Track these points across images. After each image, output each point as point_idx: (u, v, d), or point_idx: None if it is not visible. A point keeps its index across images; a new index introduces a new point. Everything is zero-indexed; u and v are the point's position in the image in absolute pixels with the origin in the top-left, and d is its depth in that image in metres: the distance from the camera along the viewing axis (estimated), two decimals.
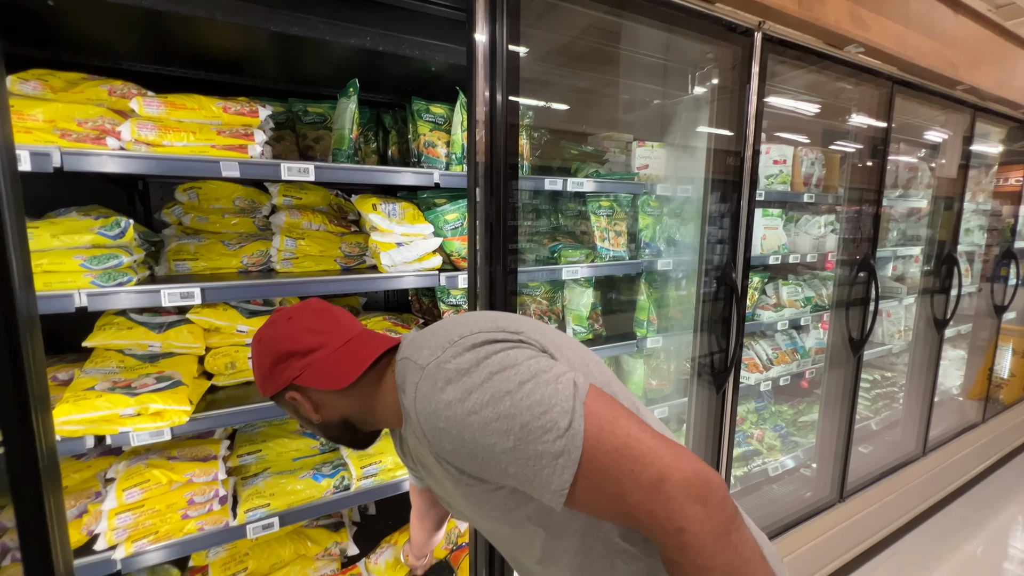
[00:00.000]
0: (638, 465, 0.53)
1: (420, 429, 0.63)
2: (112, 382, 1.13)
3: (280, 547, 1.47)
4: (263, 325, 0.78)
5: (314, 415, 0.75)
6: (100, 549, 1.13)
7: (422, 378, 0.62)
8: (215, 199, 1.47)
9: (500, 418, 0.56)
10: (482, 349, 0.61)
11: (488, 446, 0.57)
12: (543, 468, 0.55)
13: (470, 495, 0.67)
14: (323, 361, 0.73)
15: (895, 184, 2.88)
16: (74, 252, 1.05)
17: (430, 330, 0.71)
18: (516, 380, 0.58)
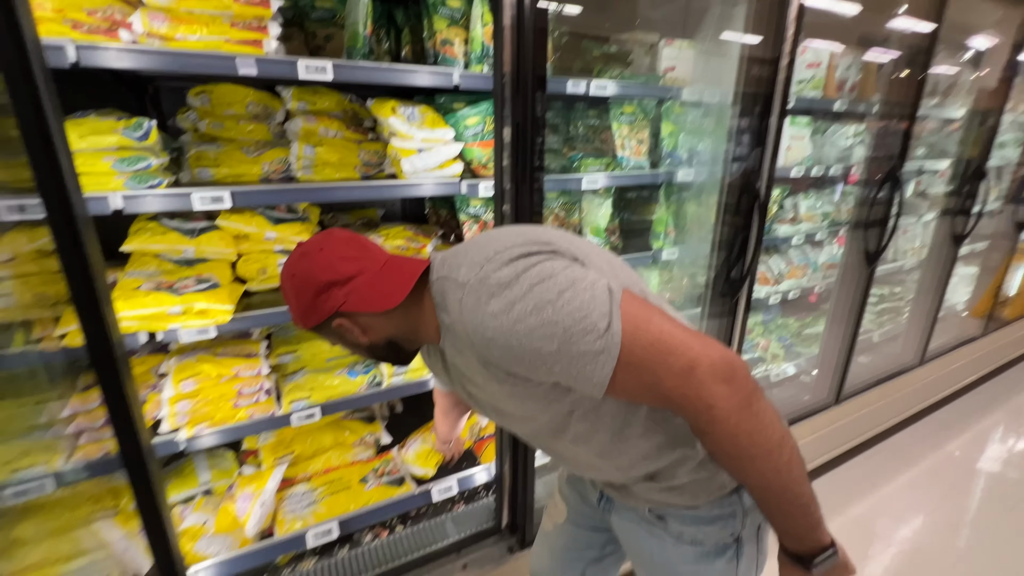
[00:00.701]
0: (671, 356, 0.60)
1: (467, 340, 0.68)
2: (156, 283, 1.19)
3: (321, 435, 1.62)
4: (291, 260, 0.78)
5: (363, 338, 0.78)
6: (164, 432, 1.26)
7: (465, 294, 0.66)
8: (228, 104, 1.43)
9: (544, 325, 0.61)
10: (519, 263, 0.65)
11: (534, 350, 0.62)
12: (586, 365, 0.62)
13: (515, 392, 0.73)
14: (366, 286, 0.76)
15: (933, 92, 2.71)
16: (103, 154, 1.06)
17: (462, 248, 0.75)
18: (555, 289, 0.62)
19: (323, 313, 0.76)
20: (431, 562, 1.45)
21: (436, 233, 1.77)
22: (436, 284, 0.75)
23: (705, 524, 0.83)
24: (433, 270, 0.77)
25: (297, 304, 0.78)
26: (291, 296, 0.78)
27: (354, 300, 0.75)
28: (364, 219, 1.92)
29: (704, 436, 0.63)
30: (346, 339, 0.81)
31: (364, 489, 1.52)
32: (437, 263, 0.77)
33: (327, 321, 0.78)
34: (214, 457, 1.56)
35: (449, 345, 0.78)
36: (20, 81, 0.74)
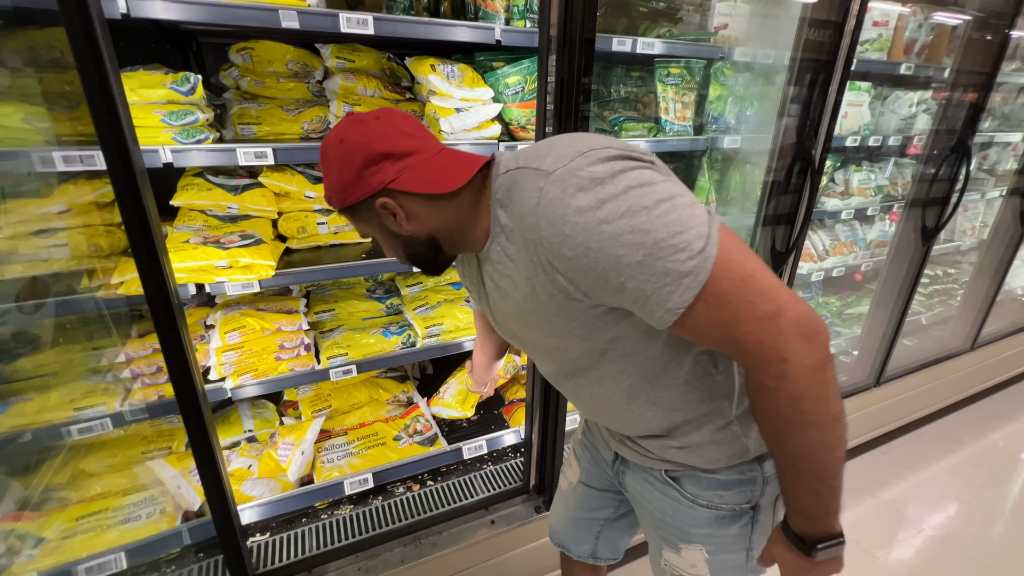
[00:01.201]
0: (759, 297, 0.56)
1: (533, 238, 0.61)
2: (203, 237, 1.23)
3: (357, 391, 1.68)
4: (340, 126, 0.69)
5: (405, 225, 0.70)
6: (213, 379, 1.32)
7: (549, 183, 0.59)
8: (268, 61, 1.43)
9: (633, 231, 0.55)
10: (618, 163, 0.59)
11: (614, 257, 0.56)
12: (665, 285, 0.56)
13: (562, 310, 0.67)
14: (423, 165, 0.68)
15: (1013, 55, 2.48)
16: (154, 107, 1.08)
17: (545, 143, 0.67)
18: (654, 197, 0.57)
19: (368, 188, 0.67)
20: (461, 516, 1.50)
21: None
22: (503, 178, 0.67)
23: (723, 488, 0.80)
24: (499, 164, 0.70)
25: (339, 176, 0.68)
26: (333, 165, 0.69)
27: (407, 178, 0.67)
28: None
29: (763, 392, 0.59)
30: (384, 226, 0.72)
31: (398, 446, 1.58)
32: (506, 158, 0.70)
33: (369, 199, 0.69)
34: (257, 407, 1.64)
35: (497, 251, 0.70)
36: (81, 32, 0.75)
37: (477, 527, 1.49)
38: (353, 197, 0.69)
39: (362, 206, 0.70)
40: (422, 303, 1.62)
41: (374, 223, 0.73)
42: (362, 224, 0.75)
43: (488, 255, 0.73)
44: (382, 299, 1.70)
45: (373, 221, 0.72)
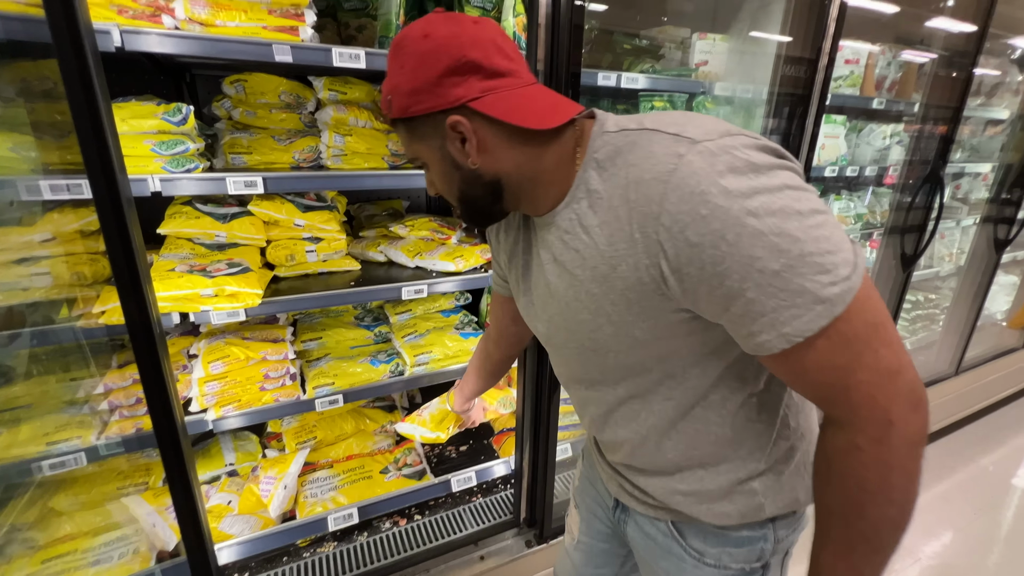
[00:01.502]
0: (886, 349, 0.49)
1: (652, 208, 0.51)
2: (189, 265, 1.22)
3: (343, 422, 1.64)
4: (428, 19, 0.58)
5: (473, 155, 0.59)
6: (194, 411, 1.28)
7: (695, 152, 0.50)
8: (261, 92, 1.45)
9: (781, 235, 0.47)
10: (774, 157, 0.52)
11: (747, 257, 0.48)
12: (792, 306, 0.48)
13: (636, 304, 0.57)
14: (514, 92, 0.58)
15: (977, 92, 2.61)
16: (144, 137, 1.09)
17: (677, 114, 0.58)
18: (809, 206, 0.49)
19: (444, 100, 0.56)
20: (450, 551, 1.45)
21: (460, 225, 1.78)
22: (612, 137, 0.58)
23: (732, 545, 0.72)
24: (605, 121, 0.60)
25: (412, 77, 0.57)
26: (408, 62, 0.57)
27: (493, 101, 0.57)
28: (390, 210, 1.93)
29: (852, 453, 0.52)
30: (445, 152, 0.60)
31: (384, 479, 1.53)
32: (616, 118, 0.61)
33: (440, 115, 0.57)
34: (239, 439, 1.60)
35: (568, 218, 0.61)
36: (73, 64, 0.76)
37: (466, 563, 1.44)
38: (421, 106, 0.58)
39: (427, 121, 0.59)
40: (411, 331, 1.61)
41: (434, 145, 0.61)
42: (418, 144, 0.62)
43: (554, 221, 0.63)
44: (370, 327, 1.69)
45: (433, 142, 0.61)
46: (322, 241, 1.49)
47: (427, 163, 0.64)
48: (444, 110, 0.57)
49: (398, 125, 0.62)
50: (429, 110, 0.58)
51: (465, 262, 1.50)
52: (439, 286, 1.45)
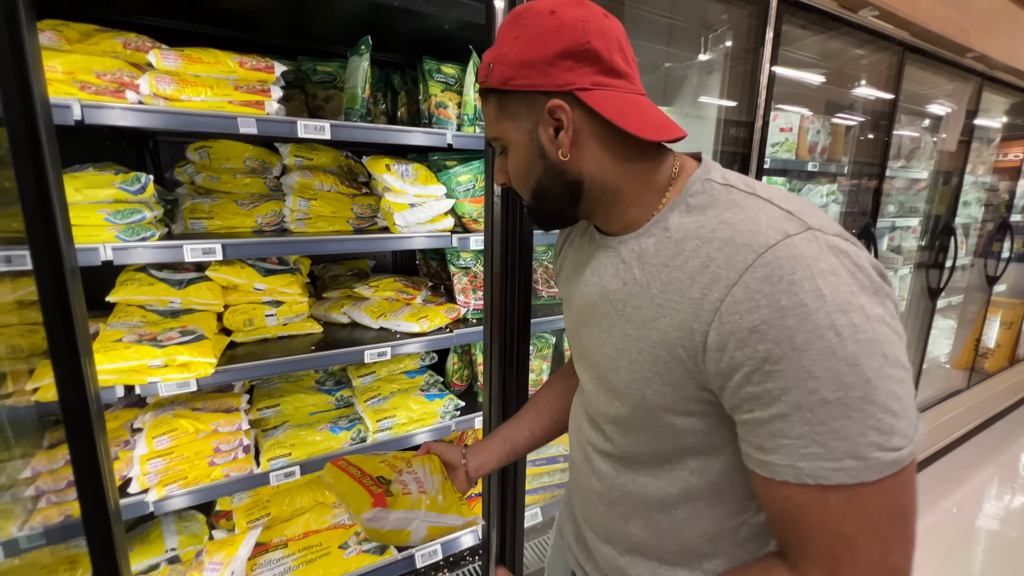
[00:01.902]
0: (900, 543, 0.45)
1: (731, 276, 0.47)
2: (139, 335, 1.17)
3: (300, 495, 1.54)
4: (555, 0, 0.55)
5: (565, 147, 0.56)
6: (133, 492, 1.19)
7: (805, 236, 0.45)
8: (226, 158, 1.47)
9: (855, 367, 0.42)
10: (883, 281, 0.47)
11: (805, 372, 0.42)
12: (823, 446, 0.43)
13: (657, 362, 0.53)
14: (623, 95, 0.55)
15: (898, 155, 2.90)
16: (98, 206, 1.07)
17: (797, 196, 0.54)
18: (896, 355, 0.44)
19: (553, 81, 0.54)
20: None
21: (426, 284, 1.79)
22: (714, 186, 0.55)
23: None
24: (711, 169, 0.57)
25: (526, 48, 0.54)
26: (525, 33, 0.54)
27: (603, 97, 0.54)
28: (355, 270, 1.93)
29: None
30: (534, 137, 0.57)
31: (343, 556, 1.43)
32: (725, 171, 0.58)
33: (543, 95, 0.55)
34: (184, 520, 1.47)
35: (630, 252, 0.58)
36: (24, 138, 0.76)
37: None
38: (525, 81, 0.54)
39: (524, 99, 0.56)
40: (374, 394, 1.56)
41: (524, 127, 0.57)
42: (507, 121, 0.58)
43: (618, 246, 0.60)
44: (332, 391, 1.63)
45: (524, 123, 0.57)
46: (283, 304, 1.47)
47: (509, 145, 0.61)
48: (548, 91, 0.54)
49: (489, 97, 0.59)
50: (532, 87, 0.55)
51: (430, 322, 1.49)
52: (403, 348, 1.43)
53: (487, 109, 0.61)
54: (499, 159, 0.65)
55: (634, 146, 0.57)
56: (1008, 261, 3.37)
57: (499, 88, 0.57)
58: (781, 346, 0.43)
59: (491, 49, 0.59)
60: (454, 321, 1.58)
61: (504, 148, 0.62)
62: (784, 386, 0.44)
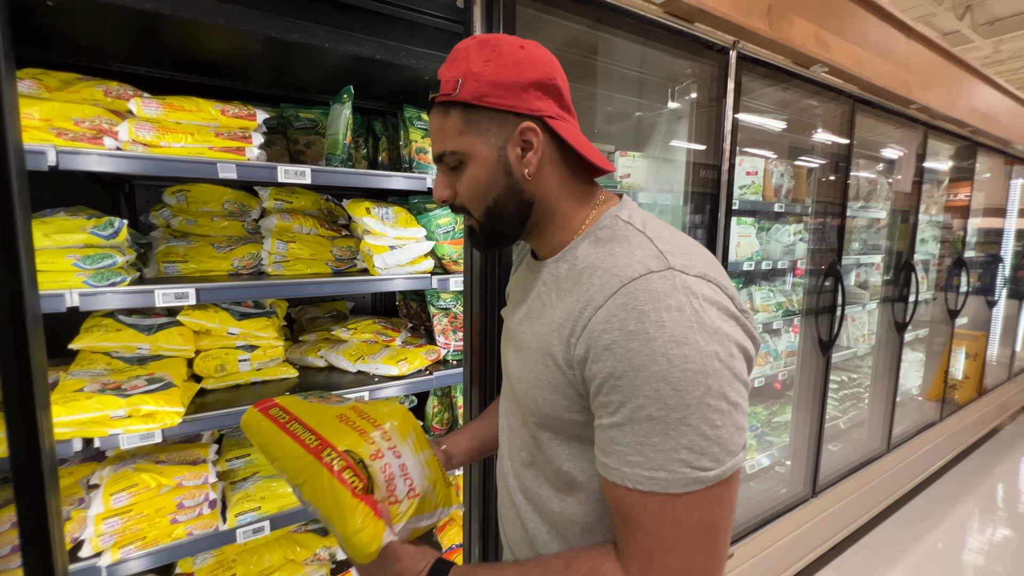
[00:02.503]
0: (705, 554, 0.51)
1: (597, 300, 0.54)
2: (102, 384, 1.12)
3: (268, 552, 1.45)
4: (518, 39, 0.63)
5: (531, 167, 0.61)
6: (85, 556, 1.10)
7: (662, 275, 0.52)
8: (204, 202, 1.46)
9: (676, 392, 0.48)
10: (727, 322, 0.53)
11: (638, 390, 0.50)
12: (642, 456, 0.50)
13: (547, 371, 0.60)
14: (576, 130, 0.64)
15: (857, 196, 3.06)
16: (67, 251, 1.04)
17: (683, 238, 0.60)
18: (721, 388, 0.50)
19: (527, 105, 0.59)
20: None
21: (406, 326, 1.77)
22: (619, 224, 0.62)
23: None
24: (624, 207, 0.64)
25: (500, 72, 0.59)
26: (497, 59, 0.59)
27: (565, 127, 0.62)
28: (333, 312, 1.91)
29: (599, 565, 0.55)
30: (502, 155, 0.61)
31: None
32: (635, 211, 0.64)
33: (513, 116, 0.60)
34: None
35: (550, 274, 0.65)
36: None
37: None
38: (501, 100, 0.59)
39: (495, 117, 0.60)
40: None
41: (492, 143, 0.61)
42: (472, 136, 0.61)
43: (543, 268, 0.67)
44: None
45: (492, 140, 0.61)
46: (257, 349, 1.43)
47: (469, 160, 0.63)
48: (520, 114, 0.60)
49: (452, 111, 0.61)
50: (506, 107, 0.59)
51: (409, 365, 1.47)
52: (382, 391, 1.40)
53: (446, 122, 0.62)
54: (445, 174, 0.67)
55: (577, 175, 0.66)
56: (967, 295, 3.53)
57: (470, 103, 0.60)
58: (623, 364, 0.51)
59: (452, 67, 0.62)
60: (434, 363, 1.56)
61: (461, 163, 0.64)
62: (622, 399, 0.51)
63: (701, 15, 1.49)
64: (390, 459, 0.64)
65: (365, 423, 0.67)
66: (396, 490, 0.63)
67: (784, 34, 1.68)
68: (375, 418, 0.69)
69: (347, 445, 0.62)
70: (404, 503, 0.63)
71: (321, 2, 1.14)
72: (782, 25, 1.67)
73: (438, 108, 0.63)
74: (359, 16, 1.18)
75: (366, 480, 0.60)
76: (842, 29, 1.89)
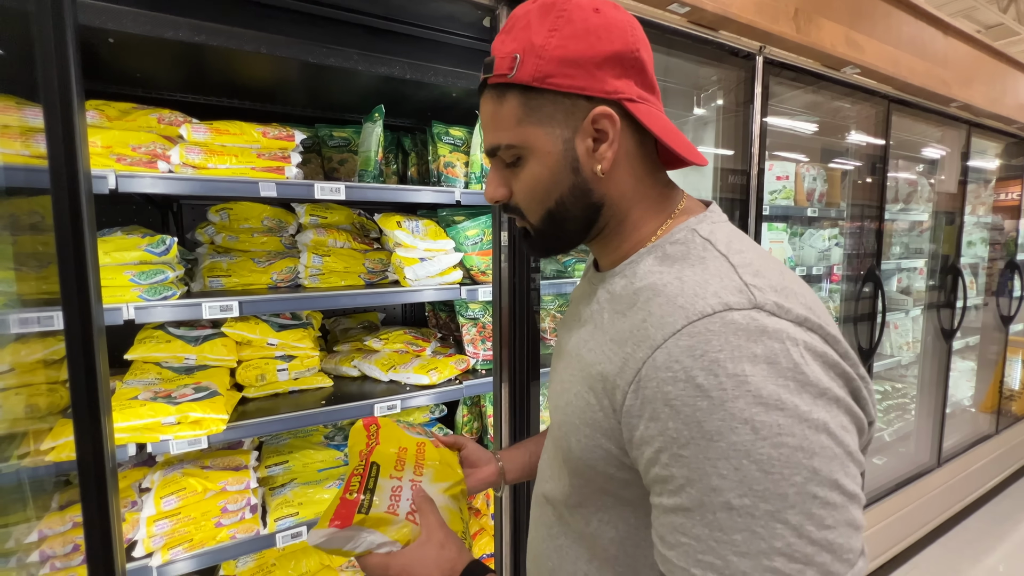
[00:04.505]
0: None
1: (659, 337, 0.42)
2: (154, 392, 1.19)
3: (306, 557, 1.49)
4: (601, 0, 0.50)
5: (605, 162, 0.49)
6: (138, 556, 1.16)
7: (746, 312, 0.40)
8: (245, 219, 1.55)
9: (768, 475, 0.36)
10: (836, 382, 0.40)
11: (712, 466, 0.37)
12: (716, 558, 0.37)
13: (587, 409, 0.49)
14: (661, 115, 0.51)
15: (896, 199, 2.95)
16: (124, 268, 1.12)
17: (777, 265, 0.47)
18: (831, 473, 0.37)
19: (603, 86, 0.47)
20: None
21: (435, 336, 1.80)
22: (693, 239, 0.49)
23: None
24: (706, 219, 0.51)
25: (568, 44, 0.46)
26: (567, 28, 0.47)
27: (647, 112, 0.49)
28: (365, 323, 1.96)
29: None
30: (568, 147, 0.50)
31: None
32: (714, 224, 0.51)
33: (584, 100, 0.48)
34: None
35: (606, 288, 0.54)
36: (66, 206, 0.82)
37: None
38: (569, 82, 0.47)
39: (562, 102, 0.48)
40: None
41: (557, 134, 0.49)
42: (533, 126, 0.50)
43: (599, 284, 0.56)
44: (341, 447, 1.61)
45: (558, 131, 0.49)
46: (295, 359, 1.49)
47: (529, 154, 0.51)
48: (593, 97, 0.48)
49: (508, 95, 0.50)
50: (576, 90, 0.47)
51: (439, 374, 1.50)
52: (413, 400, 1.43)
53: (501, 109, 0.51)
54: (499, 171, 0.55)
55: (655, 173, 0.54)
56: (1021, 300, 3.33)
57: (530, 85, 0.48)
58: (691, 429, 0.38)
59: (509, 38, 0.50)
60: (463, 372, 1.58)
61: (519, 158, 0.52)
62: (689, 476, 0.38)
63: (726, 23, 1.49)
64: (405, 486, 0.67)
65: (418, 452, 0.74)
66: (398, 506, 0.64)
67: (812, 38, 1.66)
68: (428, 451, 0.76)
69: (376, 458, 0.70)
70: (397, 523, 0.62)
71: (354, 26, 1.20)
72: (810, 29, 1.65)
73: (491, 92, 0.51)
74: (389, 39, 1.24)
75: (361, 493, 0.65)
76: (874, 29, 1.85)
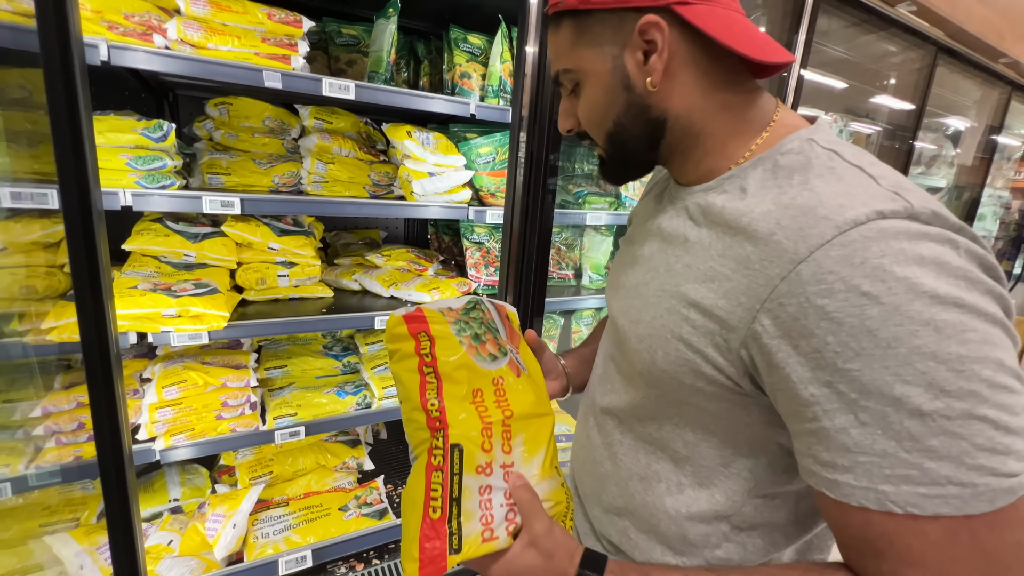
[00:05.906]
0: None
1: (799, 252, 0.39)
2: (153, 283, 1.17)
3: (302, 456, 1.56)
4: None
5: (656, 75, 0.47)
6: (142, 439, 1.20)
7: (902, 218, 0.37)
8: (245, 116, 1.46)
9: (959, 374, 0.34)
10: (996, 283, 0.37)
11: (893, 374, 0.35)
12: (916, 468, 0.35)
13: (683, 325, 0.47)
14: (729, 11, 0.47)
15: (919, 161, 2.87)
16: (120, 151, 1.06)
17: (908, 180, 0.42)
18: (1011, 362, 0.35)
19: None
20: None
21: (437, 258, 1.78)
22: (813, 148, 0.45)
23: None
24: (820, 130, 0.47)
25: None
26: None
27: (706, 12, 0.45)
28: (367, 239, 1.93)
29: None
30: (618, 64, 0.48)
31: (343, 517, 1.45)
32: (830, 135, 0.47)
33: (631, 12, 0.46)
34: (187, 472, 1.49)
35: (695, 202, 0.51)
36: (59, 76, 0.75)
37: None
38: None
39: (609, 20, 0.47)
40: (381, 362, 1.57)
41: (607, 53, 0.48)
42: (585, 48, 0.49)
43: (685, 199, 0.53)
44: (339, 356, 1.64)
45: (608, 49, 0.48)
46: (296, 266, 1.47)
47: (585, 78, 0.51)
48: (639, 8, 0.45)
49: (563, 23, 0.50)
50: (620, 4, 0.46)
51: (441, 294, 1.49)
52: None
53: (557, 37, 0.52)
54: (567, 100, 0.56)
55: (730, 76, 0.49)
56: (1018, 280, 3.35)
57: (577, 8, 0.48)
58: (860, 340, 0.35)
59: None
60: (465, 295, 1.58)
61: (577, 83, 0.53)
62: (863, 389, 0.36)
63: None
64: (496, 474, 0.52)
65: (496, 411, 0.54)
66: (493, 522, 0.50)
67: None
68: (513, 411, 0.55)
69: (458, 438, 0.51)
70: (501, 539, 0.50)
71: None
72: None
73: (551, 22, 0.53)
74: None
75: (447, 509, 0.49)
76: None
